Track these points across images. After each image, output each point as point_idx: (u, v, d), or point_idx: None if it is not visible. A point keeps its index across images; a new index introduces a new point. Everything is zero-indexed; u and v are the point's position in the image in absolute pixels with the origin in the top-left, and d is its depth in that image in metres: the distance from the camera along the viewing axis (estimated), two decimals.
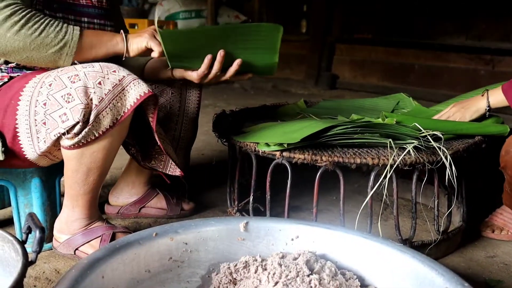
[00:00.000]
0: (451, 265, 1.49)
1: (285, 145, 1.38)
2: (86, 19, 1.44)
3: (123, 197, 1.78)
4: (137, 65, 1.62)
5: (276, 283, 1.08)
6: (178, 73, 1.51)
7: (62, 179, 1.55)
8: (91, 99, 1.21)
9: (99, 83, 1.21)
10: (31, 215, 0.93)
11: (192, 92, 1.69)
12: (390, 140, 1.39)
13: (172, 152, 1.47)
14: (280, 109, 1.98)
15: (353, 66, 5.16)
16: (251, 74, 1.51)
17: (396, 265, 1.13)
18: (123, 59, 1.39)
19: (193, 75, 1.46)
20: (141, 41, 1.36)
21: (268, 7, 5.95)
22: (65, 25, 1.25)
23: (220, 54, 1.40)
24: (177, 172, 1.49)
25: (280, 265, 1.12)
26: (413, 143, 1.37)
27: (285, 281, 1.08)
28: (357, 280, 1.15)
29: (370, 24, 5.22)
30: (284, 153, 1.38)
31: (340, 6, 5.21)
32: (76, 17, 1.41)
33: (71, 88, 1.21)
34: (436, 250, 1.50)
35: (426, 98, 3.84)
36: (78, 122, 1.22)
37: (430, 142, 1.39)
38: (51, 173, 1.50)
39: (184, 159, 1.74)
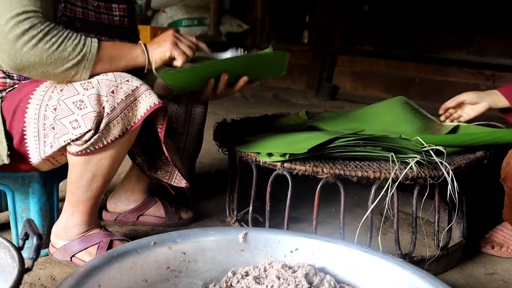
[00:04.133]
0: (450, 281, 1.48)
1: (287, 156, 1.38)
2: (105, 39, 1.39)
3: (122, 204, 1.77)
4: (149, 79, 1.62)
5: None
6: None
7: (60, 184, 1.54)
8: (103, 107, 1.22)
9: (112, 91, 1.22)
10: (29, 221, 0.92)
11: (199, 104, 1.69)
12: (392, 154, 1.38)
13: (179, 163, 1.47)
14: (281, 119, 1.98)
15: (354, 77, 5.16)
16: (258, 82, 1.51)
17: (396, 280, 1.12)
18: (145, 71, 1.33)
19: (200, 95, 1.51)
20: (163, 51, 1.30)
21: (270, 16, 5.97)
22: (83, 37, 1.20)
23: (224, 77, 1.41)
24: (182, 183, 1.49)
25: (279, 277, 1.11)
26: (415, 157, 1.36)
27: None
28: None
29: (372, 36, 5.23)
30: (285, 164, 1.37)
31: (342, 18, 5.22)
32: (97, 36, 1.35)
33: (83, 95, 1.21)
34: (436, 266, 1.49)
35: (426, 111, 3.83)
36: (90, 130, 1.22)
37: (432, 156, 1.38)
38: (49, 178, 1.49)
39: (189, 171, 1.74)
